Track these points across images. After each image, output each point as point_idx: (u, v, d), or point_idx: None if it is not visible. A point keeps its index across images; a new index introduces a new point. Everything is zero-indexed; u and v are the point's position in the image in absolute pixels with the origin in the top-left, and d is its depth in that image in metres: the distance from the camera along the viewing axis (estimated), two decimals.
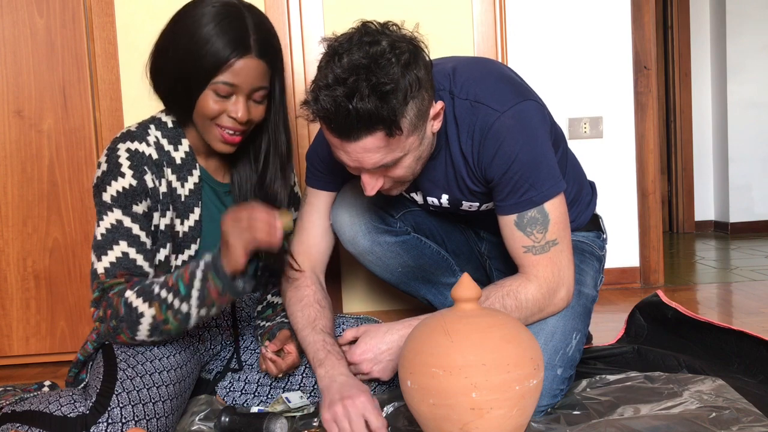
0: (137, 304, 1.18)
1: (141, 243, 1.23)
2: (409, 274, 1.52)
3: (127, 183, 1.22)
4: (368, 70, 1.05)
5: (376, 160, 1.13)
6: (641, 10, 2.50)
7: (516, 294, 1.23)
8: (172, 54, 1.23)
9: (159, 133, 1.30)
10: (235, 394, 1.41)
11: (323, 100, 1.07)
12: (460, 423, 0.99)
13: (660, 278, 2.56)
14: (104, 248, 1.22)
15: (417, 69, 1.10)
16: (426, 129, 1.17)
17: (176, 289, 1.17)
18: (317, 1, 2.07)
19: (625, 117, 2.51)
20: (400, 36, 1.11)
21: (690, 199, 4.73)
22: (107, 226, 1.22)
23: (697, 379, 1.35)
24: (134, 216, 1.23)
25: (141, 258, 1.23)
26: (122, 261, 1.22)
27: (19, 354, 1.95)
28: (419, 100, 1.11)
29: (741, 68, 4.38)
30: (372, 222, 1.45)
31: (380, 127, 1.08)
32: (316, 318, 1.34)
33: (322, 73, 1.08)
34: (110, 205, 1.22)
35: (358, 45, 1.07)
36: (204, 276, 1.16)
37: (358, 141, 1.10)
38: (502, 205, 1.24)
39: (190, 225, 1.32)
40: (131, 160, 1.24)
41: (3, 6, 1.92)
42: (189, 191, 1.32)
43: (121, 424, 1.11)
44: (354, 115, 1.05)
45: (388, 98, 1.05)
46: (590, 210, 1.49)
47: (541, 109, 1.25)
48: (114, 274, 1.21)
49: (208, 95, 1.22)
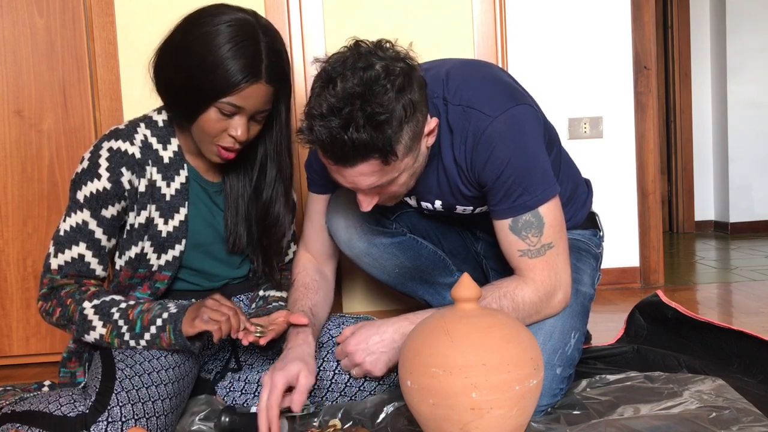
0: (92, 318, 1.23)
1: (100, 247, 1.28)
2: (406, 275, 1.53)
3: (102, 186, 1.25)
4: (363, 99, 1.05)
5: (371, 183, 1.14)
6: (641, 10, 2.50)
7: (513, 296, 1.23)
8: (180, 64, 1.22)
9: (148, 131, 1.31)
10: (235, 394, 1.41)
11: (318, 131, 1.08)
12: (460, 423, 0.99)
13: (660, 278, 2.56)
14: (64, 245, 1.27)
15: (411, 92, 1.10)
16: (421, 146, 1.18)
17: (133, 324, 1.22)
18: (317, 1, 2.07)
19: (625, 117, 2.51)
20: (393, 56, 1.11)
21: (690, 199, 4.73)
22: (72, 224, 1.27)
23: (697, 379, 1.35)
24: (101, 219, 1.27)
25: (96, 262, 1.28)
26: (77, 262, 1.27)
27: (19, 354, 1.95)
28: (414, 123, 1.12)
29: (741, 68, 4.38)
30: (367, 224, 1.45)
31: (376, 155, 1.09)
32: (297, 300, 1.38)
33: (317, 101, 1.08)
34: (81, 204, 1.26)
35: (352, 70, 1.07)
36: (163, 326, 1.21)
37: (353, 167, 1.11)
38: (496, 210, 1.24)
39: (174, 225, 1.33)
40: (110, 161, 1.26)
41: (3, 6, 1.92)
42: (175, 191, 1.33)
43: (121, 422, 1.11)
44: (350, 145, 1.06)
45: (383, 128, 1.06)
46: (586, 208, 1.49)
47: (534, 113, 1.25)
48: (66, 273, 1.27)
49: (212, 112, 1.22)
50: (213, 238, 1.40)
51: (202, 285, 1.42)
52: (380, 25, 2.05)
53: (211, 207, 1.39)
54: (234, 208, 1.39)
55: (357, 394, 1.37)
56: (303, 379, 1.19)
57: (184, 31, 1.23)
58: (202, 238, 1.37)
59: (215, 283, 1.44)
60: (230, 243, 1.40)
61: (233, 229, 1.39)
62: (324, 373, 1.36)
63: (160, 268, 1.33)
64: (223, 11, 1.23)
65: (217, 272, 1.43)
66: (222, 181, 1.40)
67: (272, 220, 1.39)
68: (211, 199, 1.39)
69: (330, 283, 1.49)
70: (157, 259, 1.32)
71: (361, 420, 1.27)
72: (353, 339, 1.29)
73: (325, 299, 1.43)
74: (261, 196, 1.38)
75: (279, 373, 1.18)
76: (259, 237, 1.40)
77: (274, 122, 1.33)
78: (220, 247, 1.41)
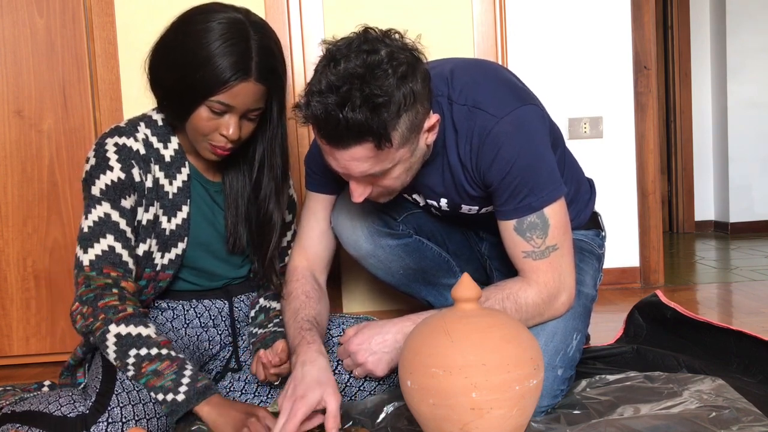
0: (110, 345, 1.18)
1: (127, 238, 1.25)
2: (409, 276, 1.52)
3: (116, 176, 1.24)
4: (362, 80, 1.04)
5: (364, 170, 1.13)
6: (641, 10, 2.50)
7: (516, 297, 1.22)
8: (171, 62, 1.23)
9: (149, 130, 1.31)
10: (235, 394, 1.42)
11: (314, 106, 1.07)
12: (460, 423, 0.99)
13: (660, 278, 2.56)
14: (90, 240, 1.23)
15: (413, 82, 1.09)
16: (419, 141, 1.16)
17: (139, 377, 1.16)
18: (317, 1, 2.07)
19: (625, 117, 2.51)
20: (400, 46, 1.10)
21: (690, 199, 4.73)
22: (95, 219, 1.24)
23: (696, 379, 1.35)
24: (122, 210, 1.25)
25: (126, 253, 1.25)
26: (108, 254, 1.23)
27: (19, 354, 1.95)
28: (413, 113, 1.10)
29: (741, 68, 4.38)
30: (374, 225, 1.44)
31: (369, 139, 1.07)
32: (299, 308, 1.33)
33: (317, 78, 1.08)
34: (99, 198, 1.24)
35: (356, 52, 1.07)
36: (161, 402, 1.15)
37: (346, 149, 1.09)
38: (501, 210, 1.24)
39: (177, 223, 1.33)
40: (119, 153, 1.25)
41: (3, 6, 1.92)
42: (177, 189, 1.32)
43: (122, 423, 1.11)
44: (344, 124, 1.05)
45: (379, 110, 1.05)
46: (589, 208, 1.49)
47: (540, 113, 1.25)
48: (99, 267, 1.22)
49: (203, 111, 1.22)
50: (214, 237, 1.39)
51: (202, 285, 1.42)
52: (380, 25, 2.02)
53: (212, 206, 1.39)
54: (234, 208, 1.39)
55: (357, 394, 1.37)
56: (331, 401, 1.11)
57: (177, 29, 1.24)
58: (203, 236, 1.37)
59: (216, 282, 1.44)
60: (230, 243, 1.40)
61: (233, 229, 1.39)
62: None
63: (164, 266, 1.33)
64: (215, 9, 1.23)
65: (218, 272, 1.43)
66: (222, 181, 1.40)
67: (265, 219, 1.38)
68: (212, 198, 1.39)
69: (325, 293, 1.45)
70: (161, 258, 1.32)
71: (361, 420, 1.27)
72: (356, 339, 1.27)
73: (325, 309, 1.41)
74: (258, 196, 1.38)
75: (300, 402, 1.10)
76: (258, 237, 1.40)
77: (267, 121, 1.33)
78: (221, 246, 1.41)
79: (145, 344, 1.18)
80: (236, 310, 1.48)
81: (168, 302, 1.41)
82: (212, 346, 1.45)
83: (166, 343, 1.19)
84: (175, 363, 1.17)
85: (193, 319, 1.42)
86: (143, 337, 1.18)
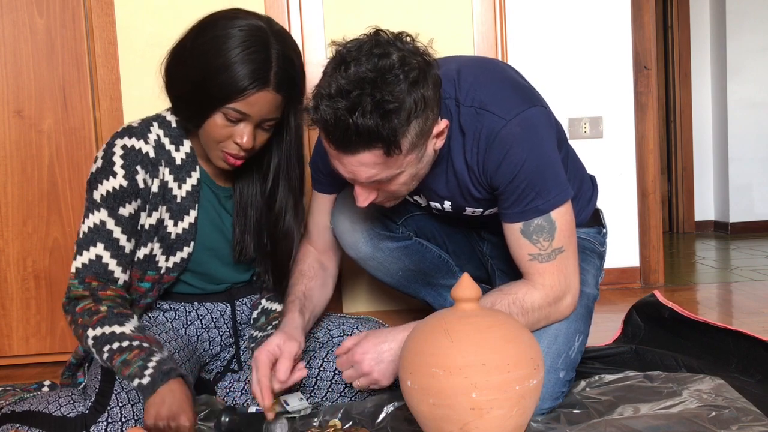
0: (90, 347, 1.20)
1: (119, 247, 1.25)
2: (409, 277, 1.52)
3: (118, 183, 1.23)
4: (374, 85, 1.02)
5: (371, 175, 1.11)
6: (641, 10, 2.50)
7: (522, 303, 1.21)
8: (190, 66, 1.21)
9: (161, 131, 1.29)
10: (235, 394, 1.42)
11: (323, 111, 1.05)
12: (460, 423, 0.99)
13: (660, 278, 2.56)
14: (82, 247, 1.24)
15: (425, 88, 1.07)
16: (427, 147, 1.15)
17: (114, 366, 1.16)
18: (317, 1, 2.07)
19: (625, 117, 2.51)
20: (412, 50, 1.08)
21: (690, 199, 4.73)
22: (90, 225, 1.24)
23: (696, 378, 1.35)
24: (119, 218, 1.24)
25: (114, 263, 1.24)
26: (94, 264, 1.23)
27: (19, 354, 1.95)
28: (422, 119, 1.08)
29: (741, 68, 4.39)
30: (374, 228, 1.44)
31: (379, 145, 1.06)
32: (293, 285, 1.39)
33: (326, 81, 1.06)
34: (98, 204, 1.24)
35: (367, 56, 1.04)
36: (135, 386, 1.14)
37: (354, 155, 1.08)
38: (507, 213, 1.22)
39: (184, 227, 1.32)
40: (125, 158, 1.24)
41: (3, 6, 1.92)
42: (186, 192, 1.31)
43: (121, 423, 1.11)
44: (353, 129, 1.03)
45: (390, 117, 1.03)
46: (591, 206, 1.48)
47: (548, 115, 1.24)
48: (82, 276, 1.23)
49: (218, 117, 1.20)
50: (221, 243, 1.38)
51: (205, 288, 1.42)
52: (380, 25, 2.02)
53: (220, 211, 1.38)
54: (243, 216, 1.37)
55: (357, 395, 1.37)
56: (285, 346, 1.19)
57: (197, 33, 1.22)
58: (210, 241, 1.36)
59: (219, 286, 1.43)
60: (236, 252, 1.38)
61: (240, 238, 1.37)
62: (324, 373, 1.36)
63: (168, 270, 1.32)
64: (237, 16, 1.21)
65: (223, 276, 1.42)
66: (232, 187, 1.38)
67: (282, 232, 1.36)
68: (220, 203, 1.37)
69: (330, 273, 1.45)
70: (165, 261, 1.31)
71: (361, 420, 1.26)
72: (360, 348, 1.21)
73: (321, 286, 1.40)
74: (273, 208, 1.36)
75: (259, 349, 1.19)
76: (270, 248, 1.38)
77: (284, 132, 1.31)
78: (228, 251, 1.39)
79: (118, 339, 1.18)
80: (238, 312, 1.47)
81: (170, 303, 1.41)
82: (212, 346, 1.45)
83: (139, 337, 1.19)
84: (144, 351, 1.16)
85: (194, 320, 1.42)
86: (117, 334, 1.18)
